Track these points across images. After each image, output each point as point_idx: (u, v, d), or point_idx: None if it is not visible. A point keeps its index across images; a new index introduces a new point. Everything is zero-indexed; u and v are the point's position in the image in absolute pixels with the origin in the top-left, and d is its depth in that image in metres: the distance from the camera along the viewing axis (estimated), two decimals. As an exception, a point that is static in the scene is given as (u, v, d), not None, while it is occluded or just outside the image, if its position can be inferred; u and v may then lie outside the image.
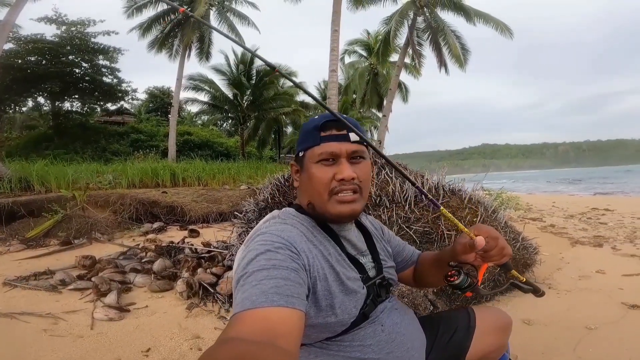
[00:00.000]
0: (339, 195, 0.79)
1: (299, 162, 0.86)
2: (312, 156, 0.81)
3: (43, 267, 3.15)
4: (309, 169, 0.82)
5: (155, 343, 1.89)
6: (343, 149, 0.80)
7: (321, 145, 0.80)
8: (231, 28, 16.08)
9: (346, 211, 0.80)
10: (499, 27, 13.32)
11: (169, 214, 6.03)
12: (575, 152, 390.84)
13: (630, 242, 4.08)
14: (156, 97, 28.49)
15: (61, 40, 15.37)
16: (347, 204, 0.80)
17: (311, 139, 0.82)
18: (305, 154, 0.83)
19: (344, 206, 0.80)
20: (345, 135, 0.80)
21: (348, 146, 0.80)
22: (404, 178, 0.95)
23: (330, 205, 0.80)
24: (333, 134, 0.80)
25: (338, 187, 0.79)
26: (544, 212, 7.38)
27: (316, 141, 0.81)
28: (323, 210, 0.81)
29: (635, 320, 2.03)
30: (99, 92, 17.27)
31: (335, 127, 0.81)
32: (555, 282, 2.76)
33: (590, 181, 29.30)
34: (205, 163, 10.89)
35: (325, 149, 0.80)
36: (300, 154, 0.84)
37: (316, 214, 0.84)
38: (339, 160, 0.80)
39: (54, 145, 15.54)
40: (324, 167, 0.80)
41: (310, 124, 0.84)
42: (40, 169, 6.98)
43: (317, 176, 0.80)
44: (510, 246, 0.88)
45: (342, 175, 0.78)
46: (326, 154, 0.80)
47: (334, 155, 0.80)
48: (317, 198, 0.81)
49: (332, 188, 0.79)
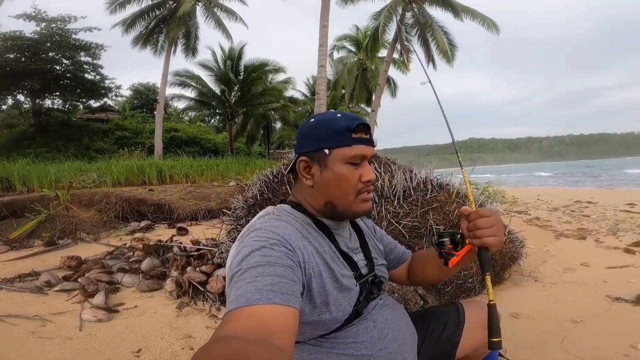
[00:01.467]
0: (362, 195, 0.83)
1: (317, 160, 0.83)
2: (341, 156, 0.81)
3: (27, 269, 3.08)
4: (337, 169, 0.81)
5: (146, 343, 1.87)
6: (369, 152, 0.84)
7: (353, 147, 0.81)
8: (218, 23, 15.84)
9: (367, 209, 0.85)
10: (486, 22, 13.48)
11: (156, 212, 5.95)
12: (558, 146, 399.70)
13: (612, 234, 4.19)
14: (141, 94, 27.95)
15: (41, 37, 14.94)
16: (368, 202, 0.85)
17: (341, 139, 0.81)
18: (332, 152, 0.81)
19: (367, 204, 0.85)
20: (370, 139, 0.85)
21: (372, 150, 0.85)
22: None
23: (355, 204, 0.83)
24: (362, 137, 0.83)
25: (363, 188, 0.83)
26: (529, 205, 7.53)
27: (348, 142, 0.81)
28: (347, 209, 0.84)
29: (619, 313, 2.08)
30: (81, 89, 16.84)
31: (364, 131, 0.83)
32: (541, 275, 2.82)
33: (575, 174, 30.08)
34: (192, 160, 10.75)
35: (358, 152, 0.81)
36: (326, 151, 0.82)
37: (334, 214, 0.85)
38: (363, 162, 0.83)
39: (36, 143, 15.11)
40: (352, 169, 0.82)
41: (339, 123, 0.82)
42: (21, 168, 6.80)
43: (347, 177, 0.81)
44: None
45: (368, 177, 0.83)
46: (358, 157, 0.82)
47: (364, 158, 0.83)
48: (343, 198, 0.83)
49: (359, 189, 0.83)
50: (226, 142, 20.54)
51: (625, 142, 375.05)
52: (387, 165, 3.19)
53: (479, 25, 13.65)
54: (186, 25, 15.24)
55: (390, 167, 3.15)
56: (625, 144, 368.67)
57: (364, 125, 0.83)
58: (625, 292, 2.34)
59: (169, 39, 15.02)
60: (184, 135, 19.90)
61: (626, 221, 4.95)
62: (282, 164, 3.43)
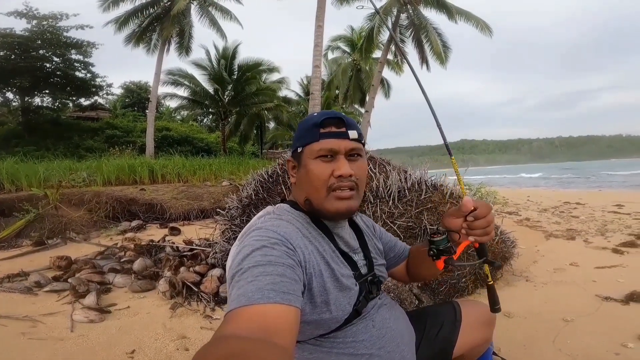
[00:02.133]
0: (336, 192, 0.80)
1: (296, 158, 0.86)
2: (311, 152, 0.81)
3: (16, 269, 3.02)
4: (307, 165, 0.81)
5: (140, 344, 1.85)
6: (342, 146, 0.80)
7: (320, 142, 0.80)
8: (213, 22, 15.74)
9: (343, 207, 0.80)
10: (480, 24, 13.60)
11: (147, 212, 5.89)
12: (548, 148, 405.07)
13: (601, 235, 4.27)
14: (133, 92, 27.65)
15: (31, 35, 14.77)
16: (344, 200, 0.80)
17: (310, 135, 0.81)
18: (303, 149, 0.83)
19: (341, 202, 0.80)
20: (344, 132, 0.81)
21: (347, 143, 0.81)
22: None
23: (327, 201, 0.80)
24: (332, 131, 0.81)
25: (336, 183, 0.79)
26: (520, 206, 7.63)
27: (315, 137, 0.80)
28: (320, 206, 0.81)
29: (609, 312, 2.12)
30: (71, 87, 16.64)
31: (335, 125, 0.81)
32: (532, 275, 2.86)
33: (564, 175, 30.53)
34: (185, 159, 10.66)
35: (324, 145, 0.80)
36: (299, 149, 0.84)
37: (313, 211, 0.83)
38: (337, 157, 0.80)
39: (24, 142, 14.87)
40: (322, 164, 0.80)
41: (309, 121, 0.84)
42: (9, 166, 6.67)
43: (315, 172, 0.80)
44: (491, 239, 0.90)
45: (340, 171, 0.79)
46: (325, 150, 0.80)
47: (333, 151, 0.80)
48: (315, 194, 0.81)
49: (330, 184, 0.80)
50: (219, 142, 20.42)
51: (614, 144, 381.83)
52: (382, 166, 3.21)
53: (473, 27, 13.78)
54: (180, 24, 15.12)
55: (385, 168, 3.17)
56: (614, 145, 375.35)
57: (335, 119, 0.81)
58: (614, 291, 2.38)
59: (162, 37, 14.87)
60: (176, 134, 19.75)
61: (614, 222, 5.04)
62: (277, 163, 3.42)
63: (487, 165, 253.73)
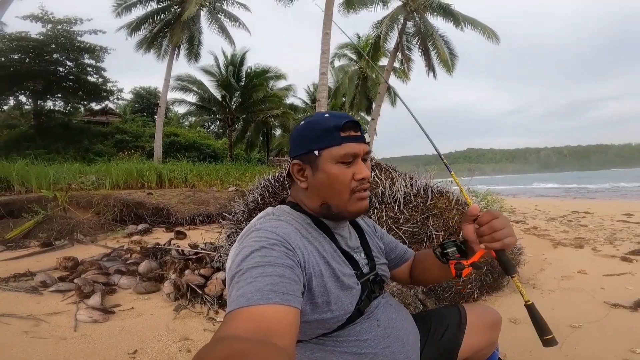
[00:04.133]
0: (357, 194, 0.82)
1: (308, 162, 0.83)
2: (332, 156, 0.80)
3: (23, 269, 3.06)
4: (328, 169, 0.80)
5: (143, 345, 1.85)
6: (361, 150, 0.82)
7: (342, 146, 0.80)
8: (222, 29, 15.98)
9: (364, 207, 0.83)
10: (486, 32, 13.62)
11: (154, 216, 5.93)
12: (556, 157, 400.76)
13: (610, 243, 4.20)
14: (142, 98, 28.06)
15: (46, 39, 15.00)
16: (364, 200, 0.83)
17: (330, 139, 0.80)
18: (321, 153, 0.81)
19: (363, 202, 0.83)
20: (361, 136, 0.83)
21: (364, 147, 0.83)
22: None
23: (350, 204, 0.82)
24: (352, 134, 0.81)
25: (358, 186, 0.81)
26: (527, 214, 7.54)
27: (336, 141, 0.80)
28: (342, 209, 0.82)
29: (617, 318, 2.08)
30: (83, 92, 16.90)
31: (353, 129, 0.82)
32: (539, 282, 2.82)
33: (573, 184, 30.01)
34: (192, 164, 10.75)
35: (347, 150, 0.80)
36: (315, 152, 0.81)
37: (330, 214, 0.84)
38: (356, 160, 0.82)
39: (35, 144, 15.10)
40: (344, 168, 0.81)
41: (325, 123, 0.82)
42: (20, 168, 6.80)
43: (340, 177, 0.80)
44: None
45: (362, 175, 0.81)
46: (349, 155, 0.80)
47: (355, 155, 0.81)
48: (337, 198, 0.82)
49: (353, 187, 0.81)
50: (225, 148, 20.58)
51: (623, 153, 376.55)
52: (388, 172, 3.21)
53: (480, 34, 13.79)
54: (190, 30, 15.37)
55: (391, 174, 3.17)
56: (623, 155, 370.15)
57: (353, 123, 0.82)
58: (623, 298, 2.34)
59: (172, 43, 15.13)
60: (183, 140, 19.94)
61: (623, 231, 4.95)
62: (283, 168, 3.44)
63: (494, 175, 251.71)
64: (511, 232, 0.81)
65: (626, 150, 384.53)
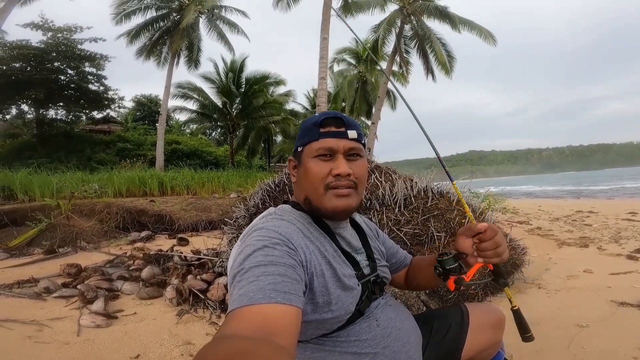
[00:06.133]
0: (334, 190, 0.80)
1: (297, 158, 0.87)
2: (310, 151, 0.82)
3: (26, 276, 3.05)
4: (306, 164, 0.82)
5: (145, 349, 1.84)
6: (340, 145, 0.81)
7: (319, 141, 0.81)
8: (221, 36, 16.09)
9: (341, 205, 0.80)
10: (483, 34, 13.66)
11: (157, 223, 5.94)
12: (558, 157, 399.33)
13: (615, 242, 4.17)
14: (143, 106, 28.21)
15: (47, 47, 15.05)
16: (342, 198, 0.80)
17: (310, 135, 0.83)
18: (303, 149, 0.84)
19: (339, 200, 0.80)
20: (343, 132, 0.82)
21: (345, 143, 0.81)
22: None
23: (325, 199, 0.80)
24: (332, 130, 0.82)
25: (334, 182, 0.80)
26: (530, 215, 7.51)
27: (315, 136, 0.82)
28: (319, 204, 0.81)
29: (625, 316, 2.06)
30: (84, 100, 16.96)
31: (334, 124, 0.82)
32: (545, 282, 2.80)
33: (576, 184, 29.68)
34: (194, 172, 10.78)
35: (323, 144, 0.81)
36: (299, 149, 0.85)
37: (312, 209, 0.84)
38: (336, 156, 0.81)
39: (37, 154, 15.16)
40: (320, 162, 0.81)
41: (309, 121, 0.85)
42: (23, 177, 6.83)
43: (314, 170, 0.81)
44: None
45: (338, 170, 0.79)
46: (324, 149, 0.81)
47: (332, 150, 0.81)
48: (313, 192, 0.82)
49: (328, 183, 0.80)
50: (227, 155, 20.62)
51: (625, 152, 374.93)
52: (388, 175, 3.21)
53: (477, 36, 13.83)
54: (189, 37, 15.48)
55: (391, 176, 3.17)
56: (625, 154, 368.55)
57: (334, 119, 0.82)
58: (630, 296, 2.32)
59: (172, 50, 15.24)
60: (185, 147, 19.99)
61: (628, 229, 4.93)
62: (284, 173, 3.45)
63: (496, 176, 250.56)
64: (506, 246, 0.84)
65: (628, 149, 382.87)
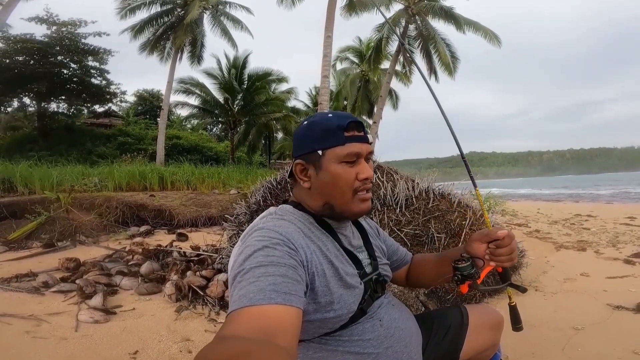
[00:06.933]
0: (359, 194, 0.82)
1: (312, 162, 0.83)
2: (335, 156, 0.80)
3: (25, 270, 3.06)
4: (332, 169, 0.81)
5: (143, 345, 1.85)
6: (364, 150, 0.82)
7: (346, 146, 0.80)
8: (224, 32, 16.06)
9: (366, 208, 0.83)
10: (488, 35, 13.61)
11: (156, 218, 5.94)
12: (559, 160, 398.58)
13: (612, 246, 4.18)
14: (145, 100, 28.16)
15: (51, 41, 15.03)
16: (367, 201, 0.83)
17: (334, 139, 0.81)
18: (325, 153, 0.81)
19: (365, 204, 0.83)
20: (364, 136, 0.83)
21: (367, 147, 0.83)
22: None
23: (353, 204, 0.82)
24: (356, 135, 0.82)
25: (361, 186, 0.82)
26: (529, 218, 7.51)
27: (340, 141, 0.80)
28: (345, 209, 0.83)
29: (621, 320, 2.08)
30: (86, 94, 16.94)
31: (357, 129, 0.82)
32: (542, 285, 2.81)
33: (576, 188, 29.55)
34: (194, 167, 10.78)
35: (351, 150, 0.80)
36: (319, 152, 0.81)
37: (332, 214, 0.84)
38: (359, 160, 0.82)
39: (38, 146, 15.15)
40: (348, 168, 0.81)
41: (330, 123, 0.82)
42: (24, 170, 6.82)
43: (343, 176, 0.81)
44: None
45: (365, 175, 0.81)
46: (352, 155, 0.81)
47: (358, 155, 0.82)
48: (340, 197, 0.82)
49: (356, 187, 0.81)
50: (228, 151, 20.60)
51: (626, 156, 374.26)
52: (390, 175, 3.21)
53: (481, 37, 13.78)
54: (193, 33, 15.46)
55: (393, 177, 3.17)
56: (626, 158, 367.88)
57: (356, 123, 0.82)
58: (625, 300, 2.33)
59: (175, 46, 15.22)
60: (186, 142, 19.97)
61: (626, 234, 4.94)
62: (285, 170, 3.45)
63: (496, 178, 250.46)
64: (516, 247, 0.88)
65: (629, 153, 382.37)
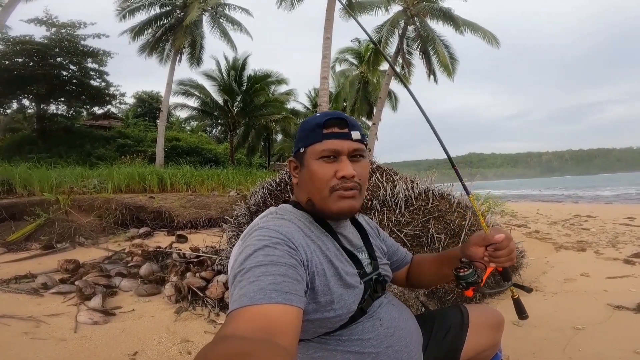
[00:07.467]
0: (339, 192, 0.80)
1: (299, 159, 0.86)
2: (314, 152, 0.81)
3: (24, 271, 3.06)
4: (310, 166, 0.81)
5: (143, 347, 1.85)
6: (345, 147, 0.80)
7: (323, 142, 0.80)
8: (224, 34, 16.09)
9: (346, 207, 0.80)
10: (487, 36, 13.65)
11: (156, 220, 5.94)
12: (558, 161, 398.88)
13: (612, 246, 4.18)
14: (144, 102, 28.18)
15: (50, 42, 15.05)
16: (347, 199, 0.80)
17: (313, 136, 0.81)
18: (306, 150, 0.83)
19: (344, 202, 0.80)
20: (347, 133, 0.81)
21: (349, 144, 0.81)
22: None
23: (330, 201, 0.80)
24: (335, 131, 0.81)
25: (339, 184, 0.79)
26: (529, 218, 7.52)
27: (318, 138, 0.80)
28: (323, 206, 0.81)
29: (621, 320, 2.08)
30: (85, 96, 16.96)
31: (338, 125, 0.81)
32: (542, 285, 2.81)
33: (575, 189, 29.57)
34: (193, 169, 10.78)
35: (327, 146, 0.80)
36: (301, 150, 0.84)
37: (315, 211, 0.84)
38: (340, 157, 0.80)
39: (38, 148, 15.16)
40: (325, 164, 0.80)
41: (312, 121, 0.84)
42: (23, 171, 6.82)
43: (318, 173, 0.80)
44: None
45: (343, 172, 0.79)
46: (328, 151, 0.80)
47: (336, 152, 0.80)
48: (317, 194, 0.81)
49: (333, 185, 0.79)
50: (227, 153, 20.61)
51: (624, 157, 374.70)
52: (389, 176, 3.22)
53: (480, 39, 13.82)
54: (192, 35, 15.48)
55: (392, 178, 3.17)
56: (624, 159, 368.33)
57: (338, 120, 0.81)
58: (626, 300, 2.33)
59: (174, 47, 15.24)
60: (185, 144, 19.99)
61: (626, 234, 4.94)
62: (285, 172, 3.45)
63: (495, 179, 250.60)
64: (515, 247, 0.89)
65: (628, 154, 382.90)
